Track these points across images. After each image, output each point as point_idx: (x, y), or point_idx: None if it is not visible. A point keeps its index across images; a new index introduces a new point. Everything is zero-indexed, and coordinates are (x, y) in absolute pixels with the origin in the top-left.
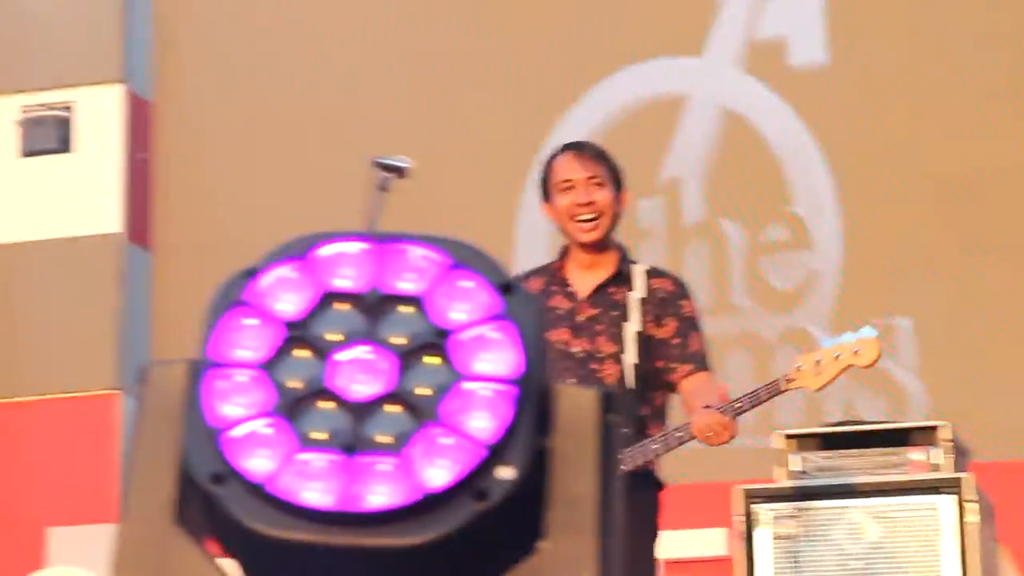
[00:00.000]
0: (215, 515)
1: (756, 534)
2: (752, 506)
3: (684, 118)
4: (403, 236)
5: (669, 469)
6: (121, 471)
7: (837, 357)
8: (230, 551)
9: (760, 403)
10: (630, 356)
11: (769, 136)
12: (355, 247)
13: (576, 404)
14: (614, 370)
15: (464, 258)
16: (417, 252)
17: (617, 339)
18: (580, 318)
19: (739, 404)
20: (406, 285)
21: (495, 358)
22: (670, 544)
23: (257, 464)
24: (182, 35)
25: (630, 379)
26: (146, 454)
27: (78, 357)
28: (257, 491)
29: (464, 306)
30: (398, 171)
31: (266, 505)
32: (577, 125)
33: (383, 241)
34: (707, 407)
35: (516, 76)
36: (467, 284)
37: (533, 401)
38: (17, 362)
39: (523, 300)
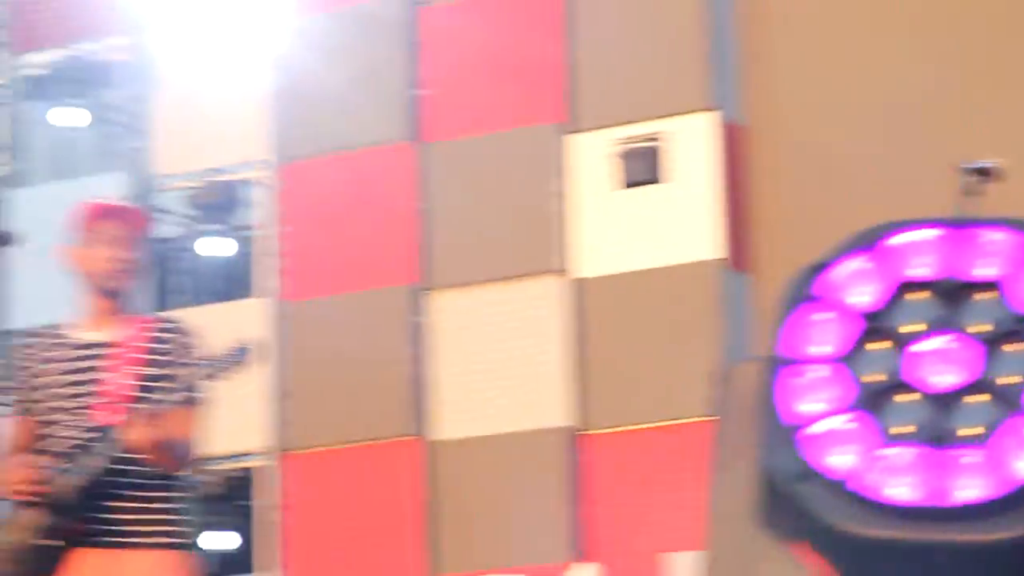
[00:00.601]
0: (798, 515)
1: None
2: None
3: None
4: (978, 220)
5: None
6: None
7: None
8: (815, 551)
9: None
10: None
11: None
12: (928, 234)
13: None
14: None
15: None
16: (994, 236)
17: None
18: None
19: None
20: (984, 270)
21: None
22: None
23: (839, 461)
24: (767, 57)
25: None
26: (727, 456)
27: (682, 385)
28: (839, 488)
29: None
30: (987, 173)
31: (849, 502)
32: None
33: (957, 226)
34: None
35: None
36: None
37: None
38: (652, 389)
39: None
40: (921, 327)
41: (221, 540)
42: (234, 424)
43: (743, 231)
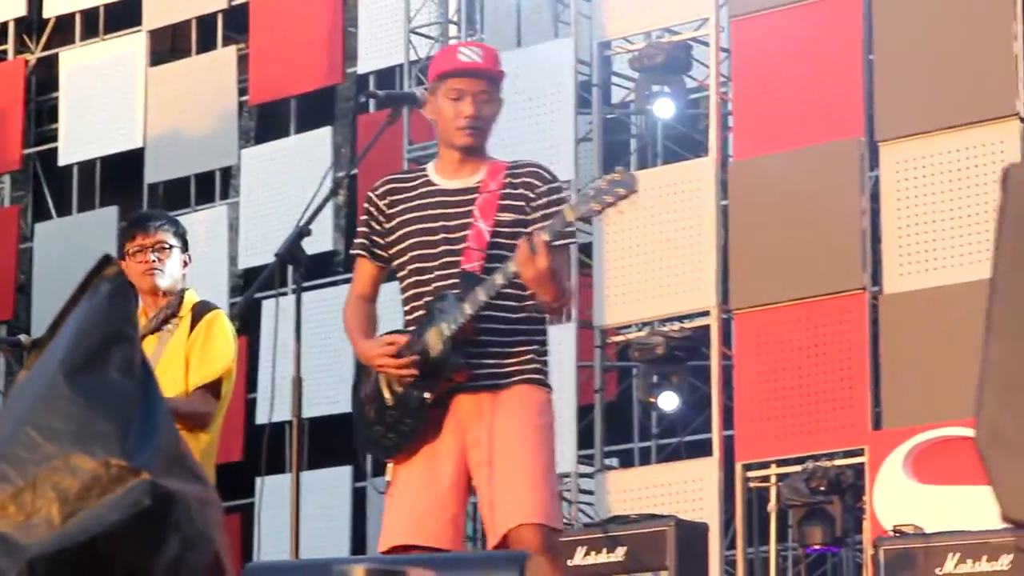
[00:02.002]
0: None
1: None
2: None
3: None
4: None
5: None
6: None
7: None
8: None
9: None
10: None
11: None
12: None
13: None
14: None
15: None
16: None
17: None
18: None
19: None
20: None
21: None
22: None
23: None
24: None
25: None
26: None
27: None
28: None
29: None
30: None
31: None
32: None
33: None
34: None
35: None
36: None
37: None
38: None
39: None
40: None
41: (664, 400)
42: (679, 284)
43: None
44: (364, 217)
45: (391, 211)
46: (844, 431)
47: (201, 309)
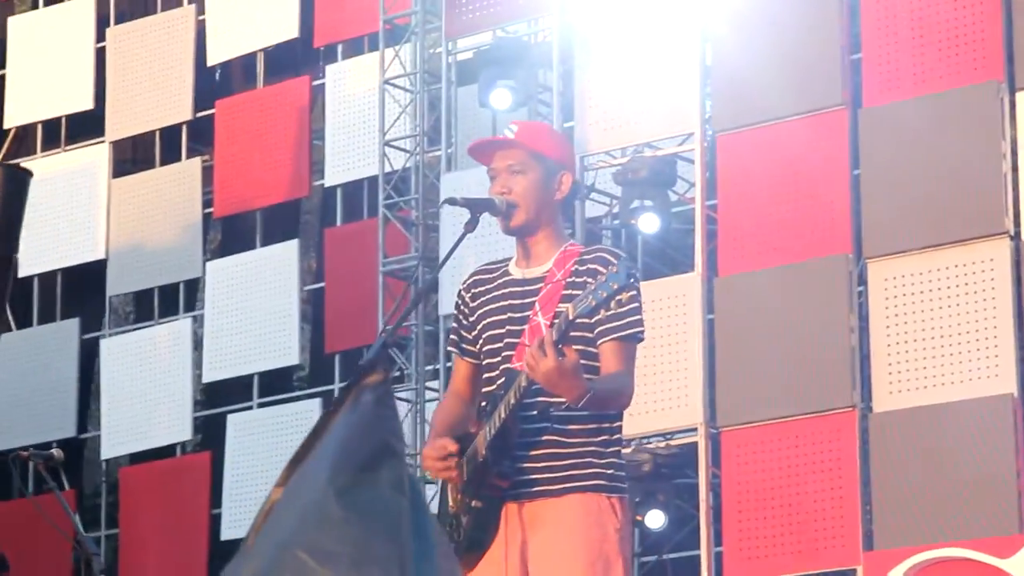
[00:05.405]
0: None
1: None
2: None
3: None
4: None
5: None
6: None
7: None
8: None
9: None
10: None
11: None
12: None
13: None
14: None
15: None
16: None
17: None
18: None
19: None
20: None
21: None
22: None
23: None
24: None
25: None
26: None
27: None
28: None
29: None
30: None
31: None
32: None
33: None
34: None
35: None
36: None
37: None
38: None
39: None
40: None
41: (650, 518)
42: (666, 401)
43: None
44: (454, 311)
45: (473, 304)
46: (835, 551)
47: None
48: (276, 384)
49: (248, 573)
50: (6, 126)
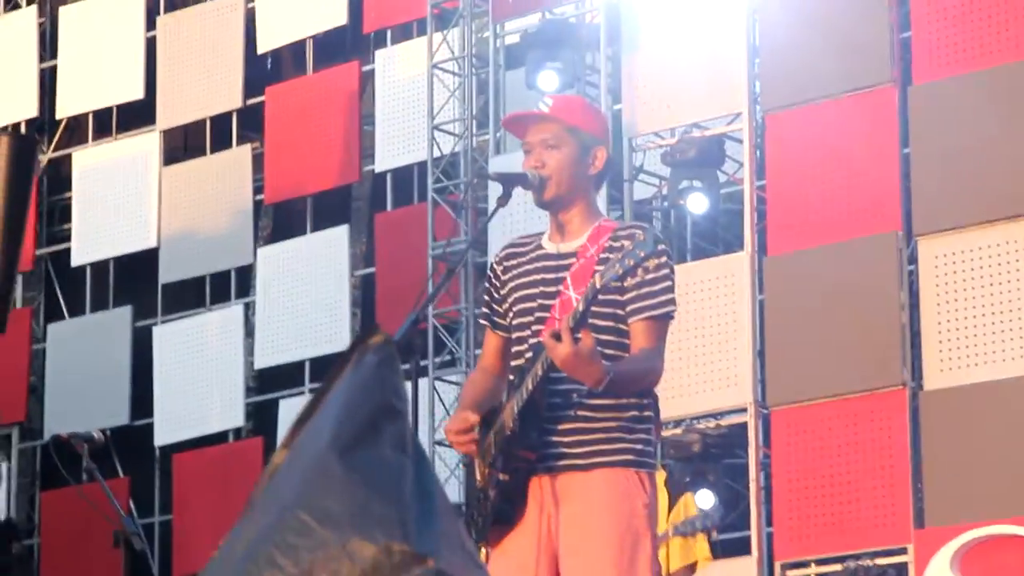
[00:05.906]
0: None
1: None
2: None
3: None
4: None
5: None
6: None
7: None
8: None
9: None
10: None
11: None
12: None
13: None
14: None
15: None
16: None
17: None
18: None
19: None
20: None
21: None
22: None
23: None
24: None
25: None
26: None
27: None
28: None
29: None
30: None
31: None
32: None
33: None
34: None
35: None
36: None
37: None
38: None
39: None
40: None
41: (700, 498)
42: (716, 381)
43: None
44: (486, 284)
45: (505, 277)
46: (886, 529)
47: None
48: (327, 370)
49: (251, 533)
50: (58, 116)
